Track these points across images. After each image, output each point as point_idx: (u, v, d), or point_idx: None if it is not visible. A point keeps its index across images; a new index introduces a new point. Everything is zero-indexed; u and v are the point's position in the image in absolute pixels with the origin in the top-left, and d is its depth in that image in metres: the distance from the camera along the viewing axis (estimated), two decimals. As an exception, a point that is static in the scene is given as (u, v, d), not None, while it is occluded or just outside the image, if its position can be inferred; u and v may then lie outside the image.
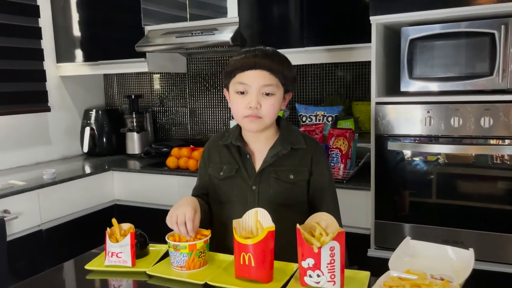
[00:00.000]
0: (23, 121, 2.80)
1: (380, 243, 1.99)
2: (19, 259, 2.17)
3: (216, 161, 1.41)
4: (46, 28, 2.94)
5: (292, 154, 1.34)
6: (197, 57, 3.09)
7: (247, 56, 1.29)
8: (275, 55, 1.31)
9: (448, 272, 1.04)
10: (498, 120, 1.72)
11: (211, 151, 1.44)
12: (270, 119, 1.30)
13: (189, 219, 1.19)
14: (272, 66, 1.27)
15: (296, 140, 1.36)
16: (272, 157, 1.32)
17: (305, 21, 2.30)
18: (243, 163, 1.35)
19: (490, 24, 1.76)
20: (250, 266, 1.08)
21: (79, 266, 1.29)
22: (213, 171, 1.40)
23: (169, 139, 3.27)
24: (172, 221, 1.20)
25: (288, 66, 1.32)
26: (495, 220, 1.78)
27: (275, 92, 1.28)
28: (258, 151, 1.37)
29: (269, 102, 1.27)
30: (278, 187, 1.32)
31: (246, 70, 1.27)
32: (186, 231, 1.19)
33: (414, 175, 1.92)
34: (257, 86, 1.26)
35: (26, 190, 2.22)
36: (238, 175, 1.35)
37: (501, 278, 1.77)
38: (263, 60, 1.27)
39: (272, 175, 1.33)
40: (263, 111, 1.27)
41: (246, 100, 1.27)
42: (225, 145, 1.39)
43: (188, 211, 1.20)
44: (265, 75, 1.26)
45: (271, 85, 1.27)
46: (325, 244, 1.01)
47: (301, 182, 1.34)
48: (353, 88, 2.63)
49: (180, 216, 1.20)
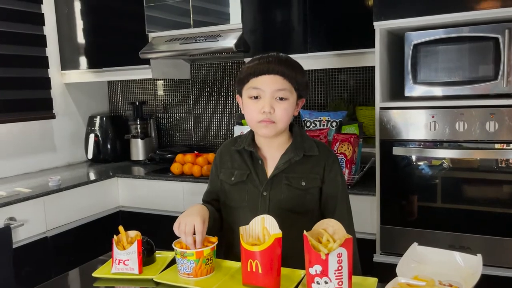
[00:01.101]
0: (28, 128, 2.82)
1: (386, 248, 1.98)
2: (25, 266, 2.17)
3: (228, 166, 1.40)
4: (51, 36, 2.96)
5: (305, 161, 1.33)
6: (201, 64, 3.10)
7: (261, 61, 1.29)
8: (288, 60, 1.32)
9: (456, 278, 1.03)
10: (503, 124, 1.72)
11: (223, 156, 1.44)
12: (283, 124, 1.30)
13: (199, 232, 1.19)
14: (285, 71, 1.27)
15: (309, 147, 1.35)
16: (284, 163, 1.32)
17: (309, 27, 2.31)
18: (254, 168, 1.35)
19: (493, 28, 1.76)
20: (258, 273, 1.08)
21: (86, 273, 1.29)
22: (224, 176, 1.40)
23: (173, 145, 3.28)
24: (180, 230, 1.20)
25: (301, 71, 1.33)
26: (502, 224, 1.78)
27: (288, 97, 1.28)
28: (271, 157, 1.36)
29: (282, 106, 1.28)
30: (289, 193, 1.32)
31: (260, 75, 1.27)
32: (192, 241, 1.19)
33: (420, 180, 1.91)
34: (271, 90, 1.27)
35: (31, 197, 2.22)
36: (249, 181, 1.35)
37: (509, 283, 1.76)
38: (276, 65, 1.27)
39: (284, 181, 1.32)
40: (276, 116, 1.27)
41: (259, 104, 1.28)
42: (237, 151, 1.39)
43: (198, 222, 1.20)
44: (278, 79, 1.27)
45: (284, 89, 1.27)
46: (333, 250, 1.01)
47: (313, 190, 1.33)
48: (357, 93, 2.63)
49: (189, 225, 1.20)
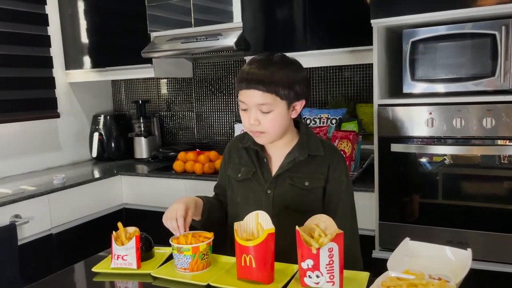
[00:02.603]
0: (34, 128, 2.87)
1: (385, 244, 2.00)
2: (31, 262, 2.22)
3: (236, 162, 1.43)
4: (55, 36, 3.00)
5: (310, 161, 1.34)
6: (202, 62, 3.13)
7: (245, 69, 1.27)
8: (275, 65, 1.25)
9: (447, 272, 1.05)
10: (500, 120, 1.73)
11: (231, 152, 1.46)
12: (275, 132, 1.29)
13: (180, 216, 1.26)
14: (265, 82, 1.22)
15: (314, 146, 1.35)
16: (289, 163, 1.33)
17: (308, 25, 2.32)
18: (260, 167, 1.37)
19: (491, 25, 1.76)
20: (251, 267, 1.11)
21: (86, 268, 1.33)
22: (232, 172, 1.43)
23: (176, 143, 3.31)
24: (165, 218, 1.28)
25: (292, 73, 1.26)
26: (499, 220, 1.79)
27: (272, 108, 1.25)
28: (276, 156, 1.38)
29: (268, 118, 1.26)
30: (293, 193, 1.33)
31: (242, 89, 1.26)
32: (177, 226, 1.25)
33: (418, 176, 1.93)
34: (254, 104, 1.25)
35: (36, 195, 2.27)
36: (254, 179, 1.37)
37: (508, 278, 1.77)
38: (256, 75, 1.23)
39: (288, 180, 1.33)
40: (264, 127, 1.27)
41: (248, 116, 1.28)
42: (244, 148, 1.41)
43: (179, 209, 1.27)
44: (258, 94, 1.23)
45: (265, 103, 1.24)
46: (324, 245, 1.03)
47: (316, 190, 1.34)
48: (358, 90, 2.64)
49: (172, 212, 1.27)
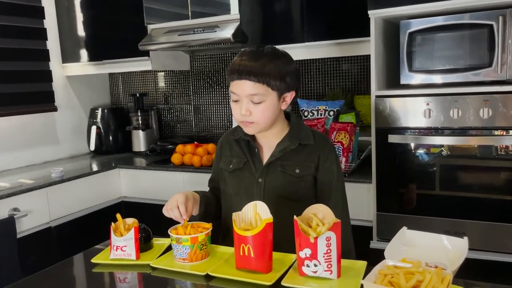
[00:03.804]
0: (31, 121, 2.86)
1: (383, 235, 2.01)
2: (30, 255, 2.23)
3: (227, 154, 1.45)
4: (51, 29, 2.99)
5: (300, 150, 1.36)
6: (200, 55, 3.12)
7: (235, 61, 1.28)
8: (266, 56, 1.27)
9: (443, 261, 1.06)
10: (497, 111, 1.73)
11: (223, 145, 1.48)
12: (265, 123, 1.31)
13: (181, 203, 1.28)
14: (257, 73, 1.24)
15: (305, 136, 1.37)
16: (280, 151, 1.35)
17: (305, 16, 2.32)
18: (251, 156, 1.39)
19: (488, 15, 1.76)
20: (250, 257, 1.11)
21: (86, 260, 1.34)
22: (224, 165, 1.45)
23: (174, 136, 3.31)
24: (166, 208, 1.30)
25: (283, 65, 1.28)
26: (496, 210, 1.80)
27: (264, 99, 1.27)
28: (267, 146, 1.39)
29: (259, 109, 1.28)
30: (284, 180, 1.35)
31: (234, 80, 1.28)
32: (179, 214, 1.27)
33: (415, 167, 1.93)
34: (245, 95, 1.27)
35: (35, 188, 2.27)
36: (246, 168, 1.39)
37: (504, 267, 1.78)
38: (247, 66, 1.24)
39: (279, 168, 1.35)
40: (254, 117, 1.29)
41: (239, 106, 1.30)
42: (236, 140, 1.43)
43: (180, 197, 1.30)
44: (249, 84, 1.25)
45: (257, 94, 1.26)
46: (321, 234, 1.04)
47: (307, 177, 1.35)
48: (356, 82, 2.64)
49: (172, 202, 1.29)
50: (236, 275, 1.12)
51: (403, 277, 0.94)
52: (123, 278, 1.23)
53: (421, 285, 0.92)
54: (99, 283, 1.25)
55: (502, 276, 1.79)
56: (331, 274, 1.06)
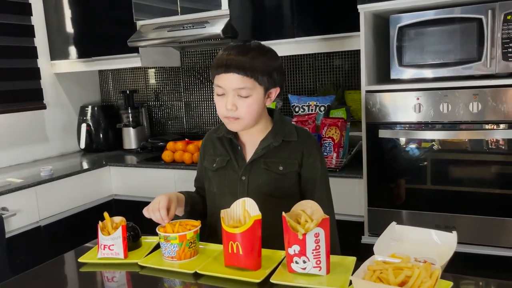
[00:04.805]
0: (20, 119, 2.82)
1: (374, 230, 2.01)
2: (20, 255, 2.20)
3: (211, 153, 1.44)
4: (39, 26, 2.94)
5: (284, 146, 1.35)
6: (190, 51, 3.10)
7: (223, 55, 1.27)
8: (254, 51, 1.27)
9: (433, 255, 1.06)
10: (486, 105, 1.73)
11: (206, 144, 1.47)
12: (250, 119, 1.30)
13: (163, 207, 1.26)
14: (245, 67, 1.23)
15: (288, 132, 1.36)
16: (263, 149, 1.34)
17: (296, 11, 2.30)
18: (234, 154, 1.37)
19: (477, 9, 1.76)
20: (238, 254, 1.10)
21: (73, 259, 1.32)
22: (207, 163, 1.43)
23: (165, 133, 3.29)
24: (147, 210, 1.28)
25: (269, 60, 1.28)
26: (487, 204, 1.80)
27: (251, 93, 1.26)
28: (250, 143, 1.38)
29: (245, 103, 1.27)
30: (268, 178, 1.34)
31: (220, 73, 1.26)
32: (160, 217, 1.26)
33: (406, 162, 1.93)
34: (232, 89, 1.26)
35: (23, 187, 2.24)
36: (229, 166, 1.38)
37: (495, 261, 1.79)
38: (235, 60, 1.24)
39: (262, 166, 1.34)
40: (240, 113, 1.28)
41: (224, 101, 1.28)
42: (218, 138, 1.41)
43: (162, 200, 1.28)
44: (237, 78, 1.24)
45: (244, 88, 1.25)
46: (310, 230, 1.03)
47: (291, 174, 1.35)
48: (347, 77, 2.64)
49: (154, 205, 1.28)
50: (224, 273, 1.11)
51: (392, 273, 0.94)
52: (111, 277, 1.22)
53: (409, 281, 0.92)
54: (87, 282, 1.23)
55: (493, 270, 1.80)
56: (320, 271, 1.05)
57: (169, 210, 1.29)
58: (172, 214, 1.30)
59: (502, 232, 1.78)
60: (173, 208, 1.30)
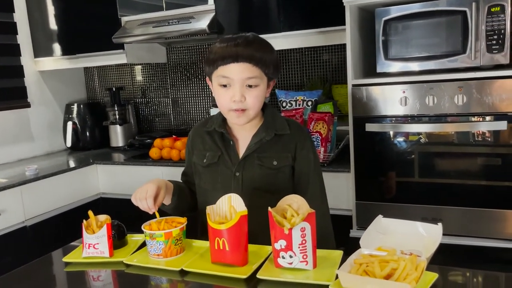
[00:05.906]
0: (3, 118, 2.78)
1: (362, 223, 2.01)
2: (5, 256, 2.17)
3: (200, 148, 1.41)
4: (22, 23, 2.89)
5: (276, 140, 1.34)
6: (176, 47, 3.07)
7: (229, 46, 1.24)
8: (257, 44, 1.27)
9: (419, 248, 1.06)
10: (471, 97, 1.74)
11: (194, 138, 1.44)
12: (255, 110, 1.29)
13: (150, 196, 1.25)
14: (254, 57, 1.23)
15: (280, 126, 1.35)
16: (256, 143, 1.32)
17: (282, 6, 2.29)
18: (226, 149, 1.35)
19: (461, 1, 1.76)
20: (225, 250, 1.09)
21: (57, 259, 1.30)
22: (197, 159, 1.41)
23: (153, 130, 3.26)
24: (135, 198, 1.27)
25: (270, 52, 1.29)
26: (473, 195, 1.82)
27: (259, 83, 1.26)
28: (242, 138, 1.36)
29: (253, 94, 1.26)
30: (262, 173, 1.32)
31: (228, 64, 1.23)
32: (147, 206, 1.25)
33: (393, 155, 1.94)
34: (240, 79, 1.24)
35: (8, 187, 2.21)
36: (221, 162, 1.35)
37: (481, 252, 1.81)
38: (244, 50, 1.23)
39: (256, 161, 1.32)
40: (248, 104, 1.26)
41: (229, 93, 1.25)
42: (208, 132, 1.39)
43: (150, 189, 1.26)
44: (248, 67, 1.23)
45: (254, 77, 1.24)
46: (296, 225, 1.03)
47: (285, 168, 1.34)
48: (334, 71, 2.63)
49: (142, 192, 1.26)
50: (211, 269, 1.10)
51: (378, 266, 0.94)
52: (97, 276, 1.20)
53: (395, 273, 0.92)
54: (72, 282, 1.21)
55: (479, 260, 1.82)
56: (307, 265, 1.05)
57: (157, 197, 1.27)
58: (160, 202, 1.29)
59: (488, 223, 1.80)
60: (161, 196, 1.28)
